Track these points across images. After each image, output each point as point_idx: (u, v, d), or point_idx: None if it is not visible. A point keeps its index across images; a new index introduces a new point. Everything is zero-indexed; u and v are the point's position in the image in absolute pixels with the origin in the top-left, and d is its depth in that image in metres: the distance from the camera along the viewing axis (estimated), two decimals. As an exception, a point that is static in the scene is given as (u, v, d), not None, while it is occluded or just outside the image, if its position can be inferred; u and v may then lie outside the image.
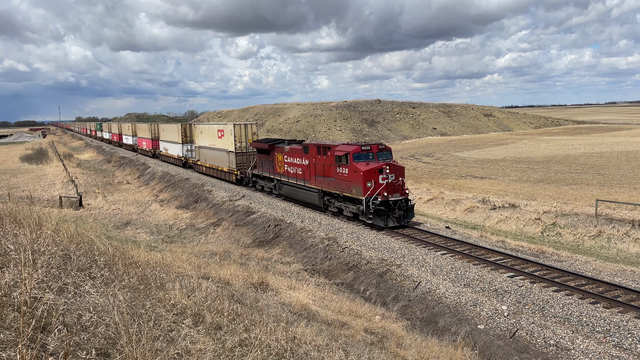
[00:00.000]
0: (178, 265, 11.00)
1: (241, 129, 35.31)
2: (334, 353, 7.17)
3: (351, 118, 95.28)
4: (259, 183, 33.57)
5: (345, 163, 22.60)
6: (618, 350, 11.04)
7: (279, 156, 29.65)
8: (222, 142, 37.26)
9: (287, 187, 28.95)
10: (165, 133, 55.87)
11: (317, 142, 26.38)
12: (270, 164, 31.05)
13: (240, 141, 35.27)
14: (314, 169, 25.58)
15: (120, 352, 4.44)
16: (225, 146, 36.67)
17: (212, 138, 39.52)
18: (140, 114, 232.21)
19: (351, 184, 22.43)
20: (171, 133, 52.65)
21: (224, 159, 37.44)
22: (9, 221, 7.81)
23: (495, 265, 16.89)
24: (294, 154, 27.88)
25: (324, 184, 24.94)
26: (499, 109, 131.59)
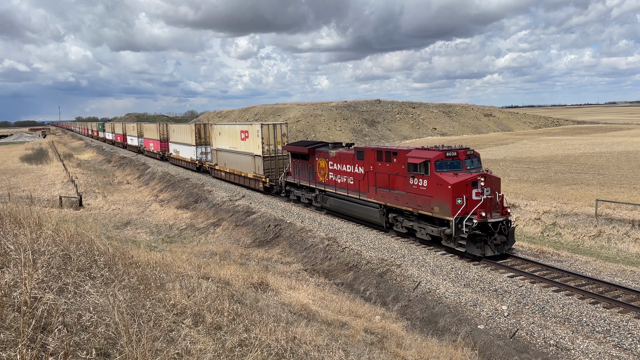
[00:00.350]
0: (178, 265, 11.00)
1: (269, 130, 31.19)
2: (334, 353, 7.17)
3: (351, 118, 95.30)
4: (294, 193, 28.97)
5: (423, 173, 18.04)
6: (618, 350, 11.04)
7: (322, 162, 25.57)
8: (247, 145, 33.17)
9: (334, 200, 24.60)
10: (176, 134, 51.75)
11: (378, 146, 22.05)
12: (309, 171, 26.78)
13: (268, 144, 31.14)
14: (373, 178, 21.23)
15: (120, 352, 4.44)
16: (250, 149, 32.56)
17: (234, 140, 35.56)
18: (140, 114, 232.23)
19: (432, 199, 17.80)
20: (183, 134, 48.49)
21: (248, 164, 33.33)
22: (9, 221, 7.81)
23: (495, 265, 16.89)
24: (342, 159, 23.78)
25: (388, 197, 20.38)
26: (499, 109, 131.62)
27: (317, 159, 26.02)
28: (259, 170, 31.84)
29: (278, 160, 31.53)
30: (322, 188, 25.72)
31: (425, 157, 17.97)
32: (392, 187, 20.10)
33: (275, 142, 31.49)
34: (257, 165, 32.10)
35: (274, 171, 31.51)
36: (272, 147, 31.43)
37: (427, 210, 18.22)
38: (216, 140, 39.45)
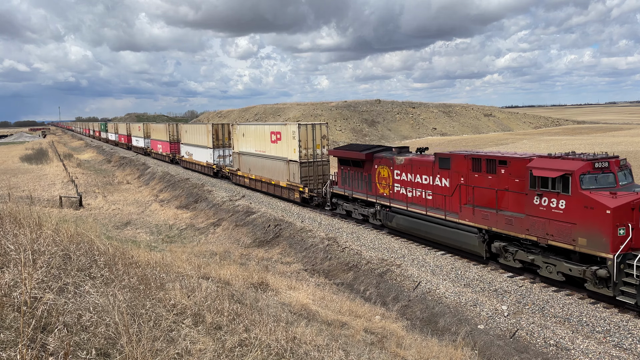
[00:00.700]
0: (178, 265, 11.00)
1: (307, 131, 27.13)
2: (334, 353, 7.17)
3: (351, 118, 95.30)
4: (343, 206, 24.60)
5: (559, 191, 13.61)
6: (618, 350, 11.04)
7: (383, 171, 21.41)
8: (279, 148, 29.19)
9: (405, 219, 19.96)
10: (188, 135, 47.36)
11: (472, 152, 17.70)
12: (365, 181, 22.55)
13: (306, 147, 26.98)
14: (468, 194, 16.95)
15: (120, 352, 4.44)
16: (284, 153, 28.62)
17: (262, 142, 31.49)
18: (140, 114, 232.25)
19: (574, 227, 13.33)
20: (197, 135, 44.23)
21: (280, 170, 29.28)
22: (9, 221, 7.81)
23: (495, 265, 16.89)
24: (416, 168, 19.62)
25: (493, 220, 15.92)
26: (499, 109, 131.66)
27: (377, 167, 21.78)
28: (295, 177, 27.71)
29: (317, 167, 27.42)
30: (386, 203, 21.08)
31: (565, 169, 13.48)
32: (501, 207, 15.67)
33: (314, 145, 27.37)
34: (291, 172, 28.04)
35: (313, 179, 27.40)
36: (311, 151, 27.28)
37: (564, 242, 13.64)
38: (238, 142, 35.33)
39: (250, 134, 33.42)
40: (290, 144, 27.75)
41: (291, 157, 27.83)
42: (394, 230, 21.24)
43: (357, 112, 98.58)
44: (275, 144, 29.63)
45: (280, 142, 29.08)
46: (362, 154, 22.42)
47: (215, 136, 40.43)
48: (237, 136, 35.80)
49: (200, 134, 43.28)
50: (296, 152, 27.21)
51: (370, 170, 22.27)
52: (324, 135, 27.83)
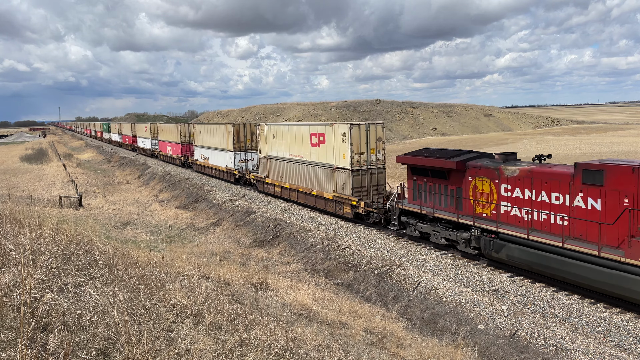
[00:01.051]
0: (178, 265, 11.00)
1: (361, 133, 22.96)
2: (334, 353, 7.17)
3: (351, 118, 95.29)
4: (415, 226, 19.68)
5: None
6: (618, 350, 11.04)
7: (483, 184, 16.89)
8: (322, 153, 25.21)
9: (523, 251, 15.13)
10: (204, 136, 43.26)
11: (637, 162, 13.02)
12: (452, 196, 17.95)
13: (359, 152, 22.94)
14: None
15: (120, 352, 4.44)
16: (328, 159, 24.65)
17: (298, 146, 27.52)
18: (140, 114, 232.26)
19: None
20: (215, 136, 40.10)
21: (324, 179, 25.26)
22: (9, 221, 7.81)
23: (494, 265, 16.88)
24: (538, 182, 15.07)
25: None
26: (499, 109, 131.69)
27: (472, 179, 17.26)
28: (344, 188, 23.51)
29: (372, 175, 23.27)
30: (489, 227, 16.33)
31: None
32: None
33: (369, 149, 23.25)
34: (340, 181, 23.89)
35: (367, 190, 23.22)
36: (364, 157, 23.06)
37: None
38: (267, 145, 31.21)
39: (283, 136, 29.24)
40: (338, 148, 23.72)
41: (340, 164, 23.72)
42: (500, 263, 16.45)
43: (357, 112, 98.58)
44: (317, 147, 25.57)
45: (323, 145, 25.02)
46: (451, 162, 17.53)
47: (237, 138, 36.18)
48: (265, 138, 31.56)
49: (218, 136, 39.06)
50: (347, 158, 23.09)
51: (460, 182, 17.60)
52: (380, 138, 23.63)
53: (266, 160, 31.73)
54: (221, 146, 38.47)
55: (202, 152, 43.76)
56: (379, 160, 23.69)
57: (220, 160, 39.04)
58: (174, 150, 52.23)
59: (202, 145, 43.58)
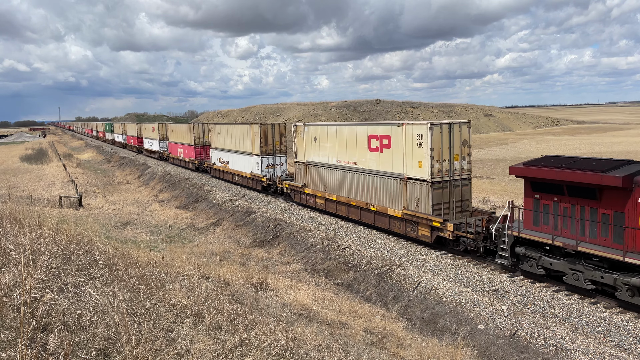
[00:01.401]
0: (178, 265, 11.00)
1: (443, 134, 18.34)
2: (334, 353, 7.17)
3: (351, 118, 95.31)
4: (537, 262, 14.99)
5: None
6: (618, 350, 11.04)
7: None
8: (385, 160, 20.63)
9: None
10: (222, 138, 38.93)
11: None
12: (609, 223, 13.19)
13: (440, 159, 18.29)
14: None
15: (120, 352, 4.44)
16: (396, 167, 20.06)
17: (351, 150, 22.96)
18: (140, 114, 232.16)
19: None
20: (236, 138, 35.97)
21: (388, 191, 20.76)
22: (9, 221, 7.81)
23: (494, 265, 16.88)
24: None
25: None
26: (499, 109, 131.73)
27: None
28: (419, 205, 18.91)
29: (455, 188, 18.74)
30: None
31: None
32: None
33: (452, 155, 18.57)
34: (412, 195, 19.32)
35: (449, 208, 18.61)
36: (447, 165, 18.47)
37: None
38: (307, 148, 27.00)
39: (329, 138, 24.85)
40: (411, 154, 19.17)
41: (413, 174, 19.13)
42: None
43: (357, 112, 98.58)
44: (379, 153, 21.15)
45: (388, 150, 20.50)
46: (611, 178, 12.72)
47: (264, 140, 32.09)
48: (304, 140, 27.21)
49: (241, 137, 35.01)
50: (425, 167, 18.43)
51: (622, 205, 12.86)
52: (465, 141, 18.96)
53: (304, 167, 27.15)
54: (245, 149, 34.24)
55: (220, 156, 39.59)
56: (464, 169, 18.95)
57: (244, 165, 34.78)
58: (187, 152, 47.98)
59: (221, 148, 39.30)
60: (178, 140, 51.14)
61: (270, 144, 32.42)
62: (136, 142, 71.56)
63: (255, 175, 33.20)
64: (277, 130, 32.54)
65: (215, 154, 40.82)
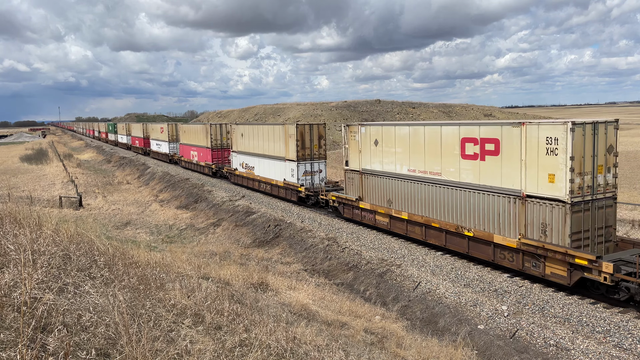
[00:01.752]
0: (178, 266, 11.00)
1: (586, 137, 13.77)
2: (334, 353, 7.17)
3: (351, 118, 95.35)
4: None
5: None
6: (618, 350, 11.04)
7: None
8: (489, 170, 16.21)
9: None
10: (247, 140, 34.77)
11: None
12: None
13: (582, 171, 13.82)
14: None
15: (120, 352, 4.44)
16: (508, 181, 15.58)
17: (433, 157, 18.51)
18: (140, 114, 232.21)
19: None
20: (263, 140, 31.82)
21: (493, 212, 16.19)
22: (9, 221, 7.81)
23: (495, 265, 16.87)
24: None
25: None
26: (499, 109, 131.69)
27: None
28: (548, 233, 14.33)
29: (598, 211, 14.25)
30: None
31: None
32: None
33: (595, 165, 14.05)
34: (535, 219, 14.81)
35: (589, 236, 14.14)
36: (589, 180, 13.91)
37: None
38: (363, 154, 22.34)
39: (398, 142, 20.13)
40: (534, 163, 14.68)
41: (538, 191, 14.62)
42: None
43: (357, 112, 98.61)
44: (478, 161, 16.62)
45: (494, 158, 16.02)
46: None
47: (301, 143, 27.88)
48: (359, 144, 22.67)
49: (271, 139, 30.83)
50: (560, 181, 13.83)
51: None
52: (611, 147, 14.40)
53: (359, 177, 22.69)
54: (276, 153, 30.15)
55: (243, 160, 35.48)
56: (609, 184, 14.48)
57: (274, 172, 30.67)
58: (202, 156, 43.76)
59: (245, 152, 34.98)
60: (191, 142, 46.90)
61: (307, 147, 28.12)
62: (142, 144, 68.05)
63: (289, 184, 28.76)
64: (315, 132, 28.34)
65: (237, 158, 36.73)
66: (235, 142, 37.20)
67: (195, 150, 45.50)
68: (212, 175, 42.00)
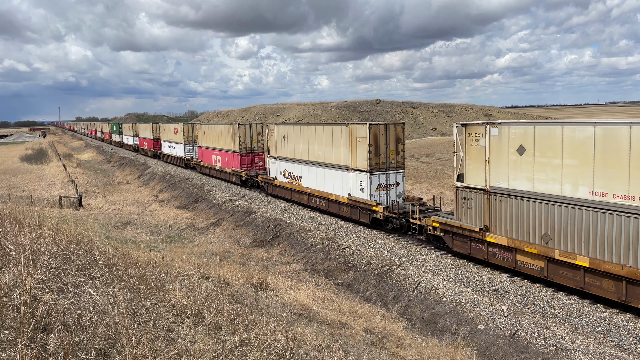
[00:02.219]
0: (178, 265, 11.00)
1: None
2: (334, 353, 7.17)
3: (351, 118, 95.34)
4: None
5: None
6: (618, 350, 11.04)
7: None
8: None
9: None
10: (289, 143, 28.68)
11: None
12: None
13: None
14: None
15: (120, 352, 4.44)
16: None
17: None
18: (140, 114, 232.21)
19: None
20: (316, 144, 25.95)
21: None
22: (9, 221, 7.81)
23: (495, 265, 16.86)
24: None
25: None
26: (499, 109, 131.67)
27: None
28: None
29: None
30: None
31: None
32: None
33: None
34: None
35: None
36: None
37: None
38: (495, 164, 15.79)
39: (570, 150, 13.56)
40: None
41: None
42: None
43: (357, 112, 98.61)
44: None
45: None
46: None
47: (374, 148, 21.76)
48: (488, 151, 15.93)
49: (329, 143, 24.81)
50: None
51: None
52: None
53: (484, 198, 16.23)
54: (336, 161, 24.23)
55: (286, 168, 29.27)
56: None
57: (332, 185, 24.76)
58: (228, 161, 37.55)
59: (288, 158, 28.78)
60: (213, 144, 40.47)
61: (383, 154, 21.92)
62: (152, 146, 61.59)
63: (356, 201, 22.70)
64: (392, 134, 22.05)
65: (276, 166, 30.22)
66: (274, 145, 30.59)
67: (219, 154, 39.43)
68: (242, 185, 35.96)
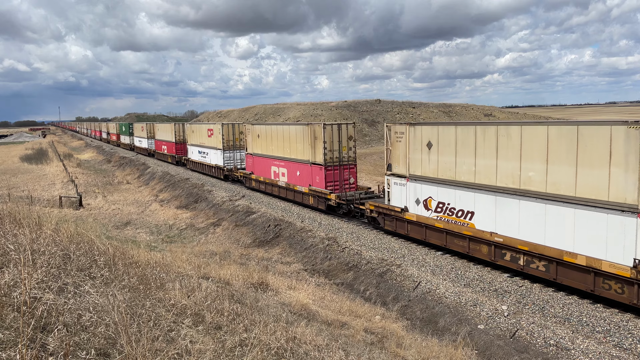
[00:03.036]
0: (178, 265, 11.00)
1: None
2: (334, 353, 7.16)
3: (351, 118, 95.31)
4: None
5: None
6: (618, 350, 11.03)
7: None
8: None
9: None
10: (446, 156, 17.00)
11: None
12: None
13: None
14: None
15: (120, 352, 4.44)
16: None
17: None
18: (140, 114, 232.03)
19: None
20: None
21: None
22: (9, 221, 7.81)
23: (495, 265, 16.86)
24: None
25: None
26: (499, 109, 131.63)
27: None
28: None
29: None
30: None
31: None
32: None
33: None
34: None
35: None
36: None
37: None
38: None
39: None
40: None
41: None
42: None
43: (357, 112, 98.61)
44: None
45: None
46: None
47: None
48: None
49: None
50: None
51: None
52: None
53: None
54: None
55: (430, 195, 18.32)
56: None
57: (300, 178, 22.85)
58: (300, 177, 26.99)
59: (431, 179, 18.01)
60: (273, 152, 29.99)
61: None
62: (173, 150, 51.34)
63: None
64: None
65: (408, 191, 19.37)
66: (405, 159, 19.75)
67: (284, 165, 28.92)
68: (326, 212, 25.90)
